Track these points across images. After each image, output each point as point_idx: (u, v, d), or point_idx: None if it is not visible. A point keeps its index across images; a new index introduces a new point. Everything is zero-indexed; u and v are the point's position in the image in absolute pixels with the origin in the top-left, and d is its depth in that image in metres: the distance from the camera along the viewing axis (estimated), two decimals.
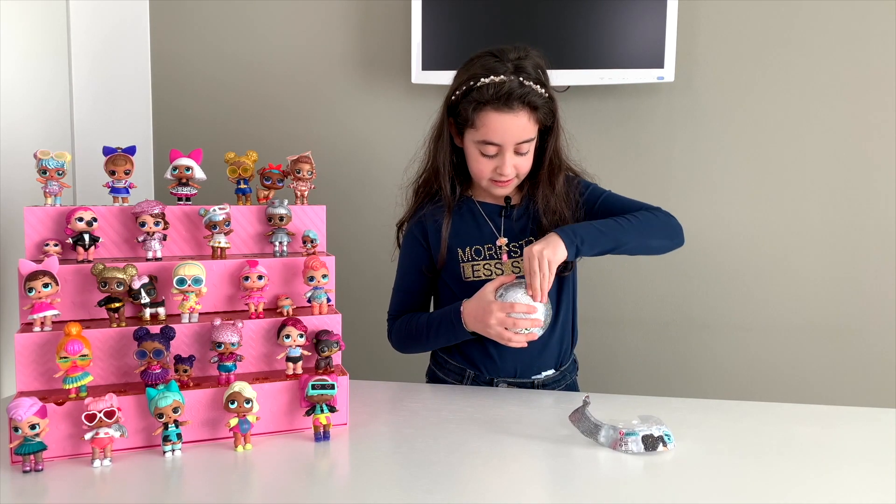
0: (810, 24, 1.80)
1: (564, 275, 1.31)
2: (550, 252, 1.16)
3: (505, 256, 1.30)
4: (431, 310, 1.43)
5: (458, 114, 1.25)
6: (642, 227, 1.24)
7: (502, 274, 1.29)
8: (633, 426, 1.02)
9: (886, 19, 1.77)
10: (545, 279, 1.16)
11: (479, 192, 1.35)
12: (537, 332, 1.20)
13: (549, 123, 1.26)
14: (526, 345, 1.20)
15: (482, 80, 1.19)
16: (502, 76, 1.18)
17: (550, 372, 1.34)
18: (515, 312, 1.17)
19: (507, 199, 1.32)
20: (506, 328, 1.18)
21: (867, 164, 1.82)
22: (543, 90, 1.21)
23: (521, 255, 1.30)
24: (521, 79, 1.18)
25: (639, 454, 0.99)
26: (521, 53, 1.22)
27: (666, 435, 1.01)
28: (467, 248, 1.31)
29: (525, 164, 1.26)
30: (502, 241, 1.30)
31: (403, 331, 1.36)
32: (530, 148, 1.25)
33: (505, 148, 1.22)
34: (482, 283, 1.25)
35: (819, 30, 1.80)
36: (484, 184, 1.28)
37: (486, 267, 1.30)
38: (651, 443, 0.99)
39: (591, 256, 1.23)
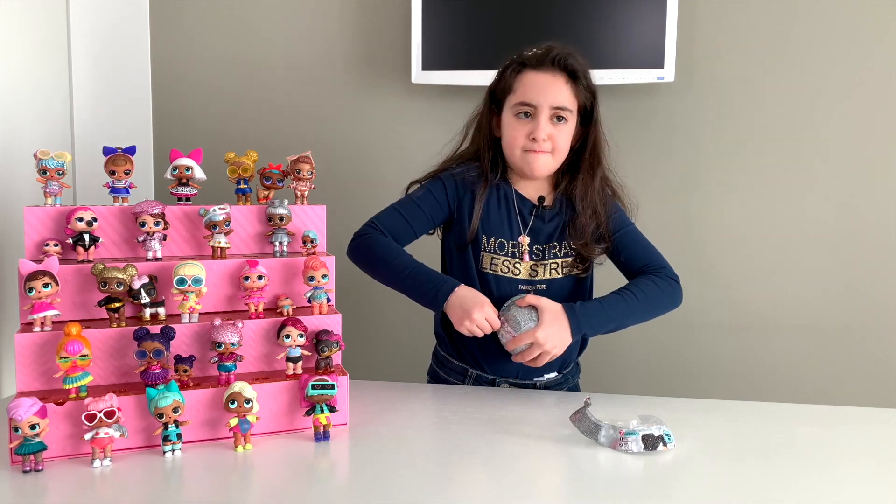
0: (810, 24, 1.80)
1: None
2: (557, 350, 1.19)
3: (526, 256, 1.29)
4: None
5: (498, 91, 1.28)
6: (648, 305, 1.26)
7: (518, 274, 1.29)
8: (633, 426, 1.02)
9: (886, 19, 1.76)
10: (524, 358, 1.20)
11: (517, 182, 1.33)
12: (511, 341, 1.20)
13: (588, 107, 1.27)
14: (480, 334, 1.19)
15: (525, 53, 1.26)
16: (546, 48, 1.25)
17: (553, 375, 1.34)
18: (510, 334, 1.19)
19: (541, 198, 1.32)
20: (478, 326, 1.18)
21: (867, 164, 1.82)
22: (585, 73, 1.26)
23: (541, 258, 1.29)
24: (562, 47, 1.24)
25: (639, 454, 0.99)
26: (566, 45, 1.28)
27: (666, 435, 1.01)
28: (493, 239, 1.30)
29: (561, 138, 1.25)
30: (524, 239, 1.29)
31: (381, 245, 1.27)
32: (569, 120, 1.25)
33: (540, 110, 1.23)
34: (495, 279, 1.26)
35: (819, 30, 1.80)
36: (517, 155, 1.27)
37: (504, 264, 1.29)
38: (651, 442, 0.99)
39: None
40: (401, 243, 1.31)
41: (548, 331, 1.17)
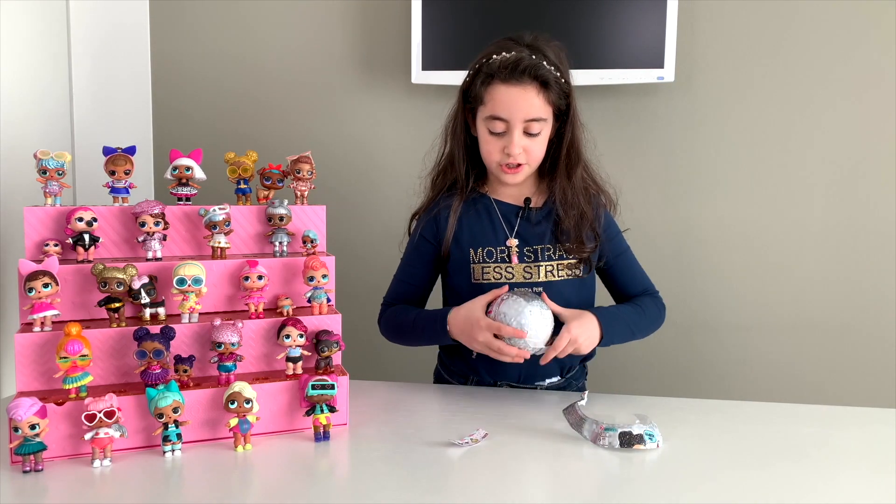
0: (810, 24, 1.80)
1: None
2: (586, 345, 1.17)
3: (515, 259, 1.27)
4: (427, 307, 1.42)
5: (470, 95, 1.24)
6: (650, 323, 1.31)
7: (512, 278, 1.26)
8: (615, 423, 1.03)
9: (886, 19, 1.76)
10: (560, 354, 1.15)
11: (496, 189, 1.33)
12: (528, 352, 1.15)
13: (562, 107, 1.23)
14: (520, 360, 1.15)
15: (494, 56, 1.20)
16: (514, 52, 1.19)
17: (555, 379, 1.33)
18: (504, 335, 1.13)
19: (527, 200, 1.30)
20: (500, 345, 1.14)
21: (867, 163, 1.82)
22: (558, 73, 1.20)
23: (534, 260, 1.27)
24: (532, 55, 1.18)
25: (619, 450, 1.00)
26: (539, 38, 1.23)
27: (648, 434, 1.00)
28: (479, 249, 1.28)
29: (536, 148, 1.23)
30: (512, 241, 1.27)
31: (392, 321, 1.34)
32: (542, 130, 1.22)
33: (513, 125, 1.20)
34: (490, 286, 1.22)
35: (819, 29, 1.80)
36: (493, 168, 1.26)
37: (496, 270, 1.27)
38: (628, 440, 1.00)
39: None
40: (417, 301, 1.37)
41: (580, 327, 1.16)
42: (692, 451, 1.01)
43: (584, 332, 1.17)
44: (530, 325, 1.11)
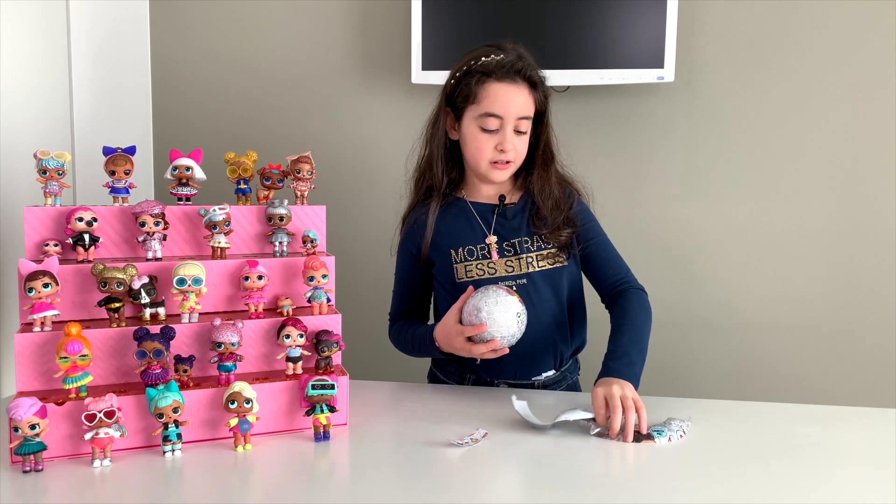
0: (810, 24, 1.80)
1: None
2: (630, 391, 1.09)
3: (495, 255, 1.29)
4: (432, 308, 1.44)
5: (457, 96, 1.27)
6: (647, 329, 1.28)
7: (495, 273, 1.28)
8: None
9: (886, 19, 1.77)
10: (631, 417, 1.05)
11: (471, 192, 1.35)
12: (505, 343, 1.16)
13: (542, 109, 1.29)
14: (507, 351, 1.17)
15: (484, 58, 1.24)
16: (503, 55, 1.24)
17: (551, 373, 1.34)
18: (472, 335, 1.15)
19: (502, 197, 1.32)
20: (472, 347, 1.16)
21: (867, 164, 1.82)
22: (540, 76, 1.27)
23: (514, 253, 1.29)
24: (520, 59, 1.25)
25: (617, 448, 1.01)
26: (517, 46, 1.28)
27: (657, 431, 1.03)
28: (460, 249, 1.30)
29: (522, 147, 1.28)
30: (491, 238, 1.29)
31: (396, 341, 1.39)
32: (528, 129, 1.27)
33: (506, 121, 1.24)
34: (474, 283, 1.25)
35: (819, 30, 1.80)
36: (483, 167, 1.28)
37: (478, 267, 1.29)
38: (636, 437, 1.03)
39: None
40: (418, 310, 1.41)
41: (619, 391, 1.08)
42: (692, 451, 1.01)
43: (617, 386, 1.09)
44: (488, 315, 1.13)
